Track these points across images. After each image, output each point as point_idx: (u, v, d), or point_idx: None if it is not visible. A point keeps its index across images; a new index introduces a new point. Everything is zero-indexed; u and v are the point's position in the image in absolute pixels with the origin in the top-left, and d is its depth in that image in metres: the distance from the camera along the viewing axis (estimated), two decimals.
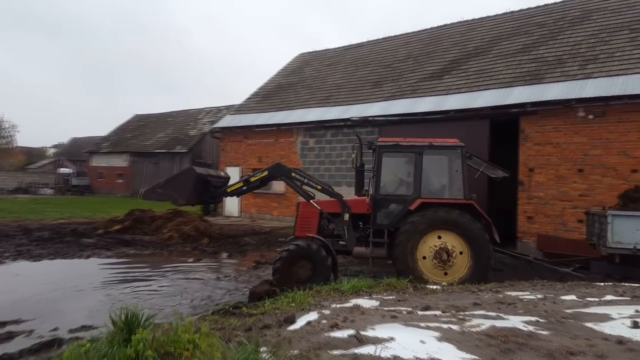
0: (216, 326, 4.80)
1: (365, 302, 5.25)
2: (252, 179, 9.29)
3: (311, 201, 8.91)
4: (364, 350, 3.19)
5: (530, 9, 19.42)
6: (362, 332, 3.56)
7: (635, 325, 3.84)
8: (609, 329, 3.61)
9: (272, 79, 25.97)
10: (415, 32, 23.06)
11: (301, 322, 4.40)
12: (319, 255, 7.67)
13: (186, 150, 33.90)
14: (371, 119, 17.36)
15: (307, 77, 24.02)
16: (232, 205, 21.90)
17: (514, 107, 14.10)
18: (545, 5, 19.04)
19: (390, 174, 8.74)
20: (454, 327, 3.73)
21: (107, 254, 12.11)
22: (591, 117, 13.05)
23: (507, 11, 20.20)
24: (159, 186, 10.05)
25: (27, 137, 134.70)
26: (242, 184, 9.39)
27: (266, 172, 9.27)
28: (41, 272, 10.06)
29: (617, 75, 13.12)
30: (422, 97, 17.03)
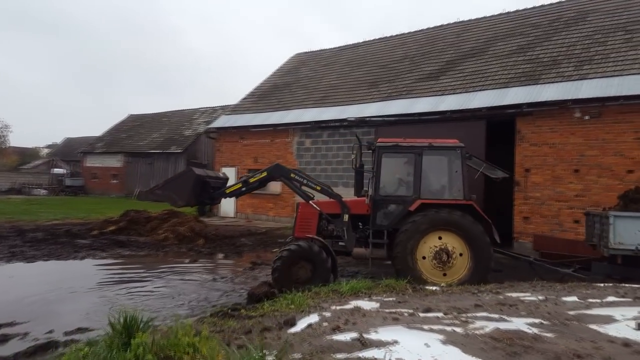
0: (215, 329, 4.75)
1: (365, 304, 5.21)
2: (251, 179, 9.22)
3: (310, 202, 8.86)
4: (368, 354, 3.14)
5: (525, 9, 19.49)
6: (365, 335, 3.51)
7: None
8: (613, 331, 3.58)
9: (268, 79, 25.88)
10: (411, 32, 23.08)
11: (302, 324, 4.35)
12: (320, 257, 7.64)
13: (181, 150, 33.75)
14: (368, 119, 17.33)
15: (304, 77, 23.96)
16: (227, 205, 21.80)
17: (510, 107, 14.12)
18: (540, 6, 19.11)
19: (389, 175, 8.71)
20: (458, 329, 3.70)
21: (102, 255, 12.03)
22: (587, 117, 13.08)
23: (503, 12, 20.27)
24: (157, 187, 10.01)
25: (20, 137, 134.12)
26: (241, 185, 9.33)
27: (265, 173, 9.20)
28: (35, 273, 9.98)
29: (612, 76, 13.18)
30: (419, 97, 17.02)
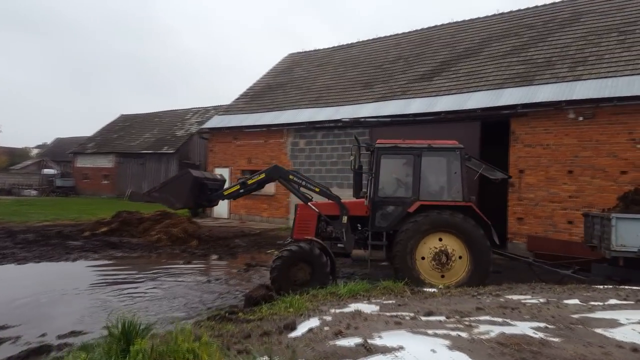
0: (213, 333, 4.66)
1: (365, 307, 5.14)
2: (250, 181, 9.12)
3: (309, 203, 8.78)
4: None
5: (519, 10, 19.54)
6: (370, 341, 3.44)
7: None
8: (620, 336, 3.54)
9: (261, 79, 25.74)
10: (405, 33, 23.05)
11: (302, 328, 4.27)
12: (320, 260, 7.57)
13: (173, 151, 33.48)
14: (362, 120, 17.28)
15: (297, 77, 23.86)
16: (221, 206, 21.59)
17: (505, 108, 14.14)
18: (535, 7, 19.16)
19: (388, 176, 8.67)
20: (463, 334, 3.64)
21: (94, 257, 11.90)
22: (581, 118, 13.13)
23: (497, 13, 20.31)
24: (154, 190, 9.89)
25: (9, 138, 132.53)
26: (239, 187, 9.22)
27: (264, 175, 9.11)
28: (27, 275, 9.85)
29: (606, 77, 13.24)
30: (413, 98, 17.01)
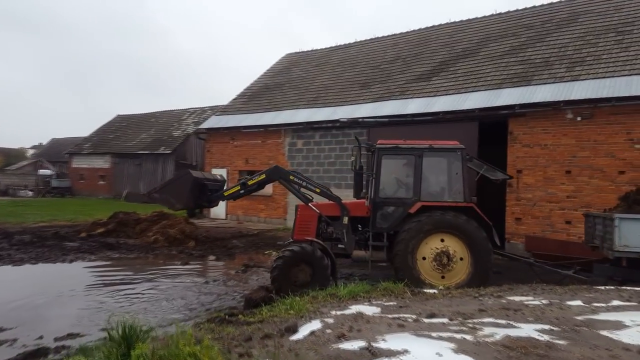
0: (213, 335, 4.61)
1: (366, 309, 5.09)
2: (250, 182, 9.06)
3: (310, 204, 8.73)
4: None
5: (517, 10, 19.55)
6: (374, 344, 3.40)
7: None
8: (626, 338, 3.51)
9: (258, 79, 25.67)
10: (403, 33, 23.03)
11: (304, 331, 4.22)
12: (321, 262, 7.53)
13: (170, 151, 33.37)
14: (360, 120, 17.24)
15: (295, 77, 23.81)
16: (218, 207, 21.43)
17: (503, 108, 14.14)
18: (532, 7, 19.17)
19: (389, 177, 8.62)
20: (467, 337, 3.59)
21: (90, 258, 11.82)
22: (579, 119, 13.14)
23: (495, 13, 20.31)
24: (155, 191, 9.86)
25: (4, 138, 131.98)
26: (239, 188, 9.16)
27: (264, 175, 9.06)
28: (23, 277, 9.77)
29: (604, 77, 13.25)
30: (411, 98, 16.99)
